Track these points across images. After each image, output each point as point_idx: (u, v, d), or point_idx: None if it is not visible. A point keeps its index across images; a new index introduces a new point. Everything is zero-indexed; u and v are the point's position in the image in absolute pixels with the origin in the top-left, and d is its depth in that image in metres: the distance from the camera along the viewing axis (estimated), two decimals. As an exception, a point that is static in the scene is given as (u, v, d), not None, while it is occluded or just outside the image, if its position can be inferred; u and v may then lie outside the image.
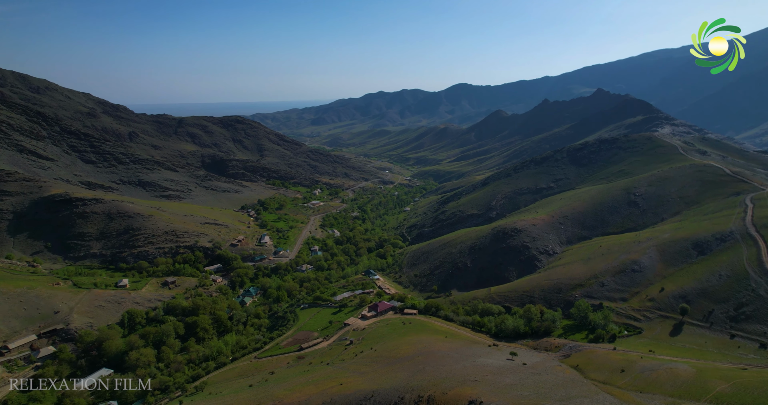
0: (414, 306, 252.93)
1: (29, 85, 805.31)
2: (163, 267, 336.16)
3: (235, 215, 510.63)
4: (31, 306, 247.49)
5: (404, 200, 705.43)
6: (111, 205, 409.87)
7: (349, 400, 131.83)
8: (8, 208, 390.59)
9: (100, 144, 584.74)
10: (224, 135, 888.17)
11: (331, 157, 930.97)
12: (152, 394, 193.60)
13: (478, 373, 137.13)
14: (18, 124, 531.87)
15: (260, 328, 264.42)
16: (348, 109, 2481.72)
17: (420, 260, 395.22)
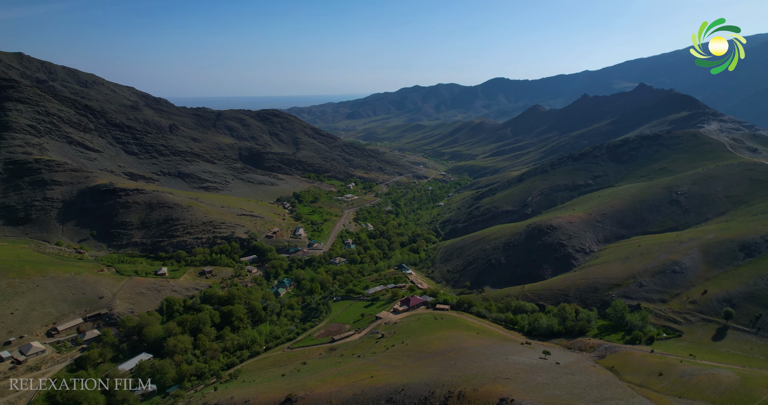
0: (446, 301, 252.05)
1: (78, 79, 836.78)
2: (200, 257, 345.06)
3: (271, 207, 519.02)
4: (77, 291, 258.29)
5: (438, 195, 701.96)
6: (152, 195, 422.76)
7: (379, 392, 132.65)
8: (58, 197, 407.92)
9: (143, 136, 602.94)
10: (261, 128, 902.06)
11: (366, 151, 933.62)
12: (188, 379, 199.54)
13: (509, 370, 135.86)
14: (68, 117, 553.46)
15: (293, 318, 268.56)
16: (383, 104, 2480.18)
17: (453, 256, 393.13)
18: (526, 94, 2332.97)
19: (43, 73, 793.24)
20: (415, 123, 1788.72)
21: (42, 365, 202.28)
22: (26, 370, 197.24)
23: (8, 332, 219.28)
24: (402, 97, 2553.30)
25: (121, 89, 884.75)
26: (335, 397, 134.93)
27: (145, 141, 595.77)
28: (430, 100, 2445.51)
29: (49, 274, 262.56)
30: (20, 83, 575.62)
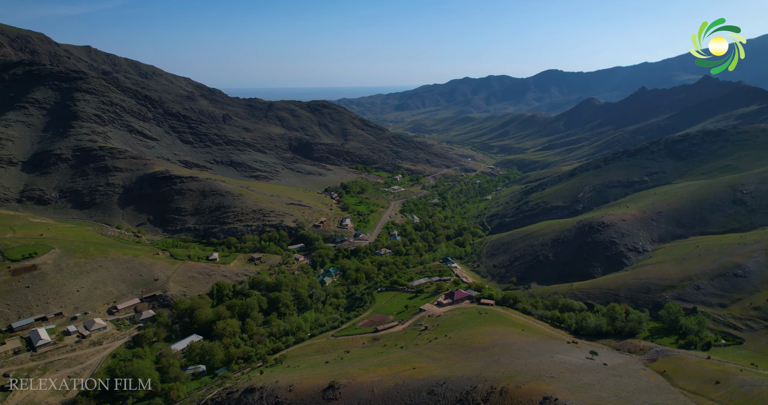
0: (491, 296, 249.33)
1: (139, 70, 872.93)
2: (250, 244, 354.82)
3: (319, 197, 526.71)
4: (135, 272, 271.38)
5: (486, 189, 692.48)
6: (205, 183, 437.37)
7: (420, 384, 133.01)
8: (119, 182, 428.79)
9: (197, 125, 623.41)
10: (311, 119, 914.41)
11: (414, 143, 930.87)
12: (236, 362, 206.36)
13: (554, 369, 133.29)
14: (129, 107, 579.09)
15: (338, 307, 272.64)
16: (432, 95, 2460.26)
17: (500, 250, 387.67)
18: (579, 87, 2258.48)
19: (108, 65, 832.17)
20: (464, 115, 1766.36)
21: (104, 340, 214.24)
22: (90, 344, 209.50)
23: (75, 308, 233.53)
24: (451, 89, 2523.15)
25: (178, 80, 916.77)
26: (377, 387, 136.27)
27: (200, 130, 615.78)
28: (480, 92, 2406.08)
29: (110, 256, 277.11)
30: (88, 75, 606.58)
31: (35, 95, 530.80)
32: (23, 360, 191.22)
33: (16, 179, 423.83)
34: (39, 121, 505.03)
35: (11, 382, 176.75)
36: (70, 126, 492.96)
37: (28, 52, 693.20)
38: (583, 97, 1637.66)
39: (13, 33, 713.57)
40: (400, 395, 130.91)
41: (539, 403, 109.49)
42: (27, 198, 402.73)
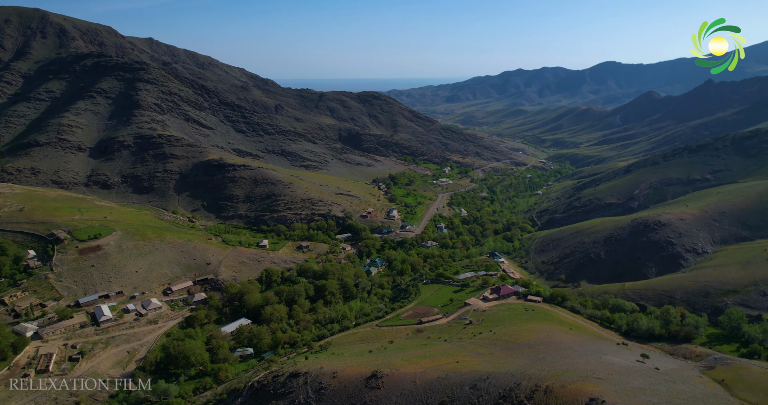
0: (538, 293, 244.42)
1: (196, 61, 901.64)
2: (298, 232, 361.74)
3: (367, 188, 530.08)
4: (189, 256, 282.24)
5: (536, 183, 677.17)
6: (257, 171, 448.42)
7: (463, 378, 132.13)
8: (175, 169, 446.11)
9: (251, 115, 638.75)
10: (361, 110, 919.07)
11: (463, 136, 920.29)
12: (282, 346, 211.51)
13: (602, 370, 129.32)
14: (186, 96, 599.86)
15: (383, 297, 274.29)
16: (484, 87, 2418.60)
17: (549, 247, 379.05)
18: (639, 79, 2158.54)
19: (168, 56, 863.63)
20: (515, 108, 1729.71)
21: (159, 320, 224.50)
22: (146, 323, 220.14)
23: (133, 288, 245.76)
24: (503, 80, 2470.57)
25: (233, 70, 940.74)
26: (419, 378, 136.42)
27: (253, 120, 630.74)
28: (533, 85, 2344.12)
29: (166, 239, 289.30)
30: (149, 66, 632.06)
31: (102, 85, 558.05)
32: (88, 334, 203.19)
33: (84, 164, 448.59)
34: (105, 110, 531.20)
35: (79, 353, 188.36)
36: (132, 114, 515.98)
37: (96, 44, 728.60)
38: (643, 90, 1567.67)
39: (84, 27, 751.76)
40: (442, 388, 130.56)
41: (585, 404, 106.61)
42: (93, 182, 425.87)
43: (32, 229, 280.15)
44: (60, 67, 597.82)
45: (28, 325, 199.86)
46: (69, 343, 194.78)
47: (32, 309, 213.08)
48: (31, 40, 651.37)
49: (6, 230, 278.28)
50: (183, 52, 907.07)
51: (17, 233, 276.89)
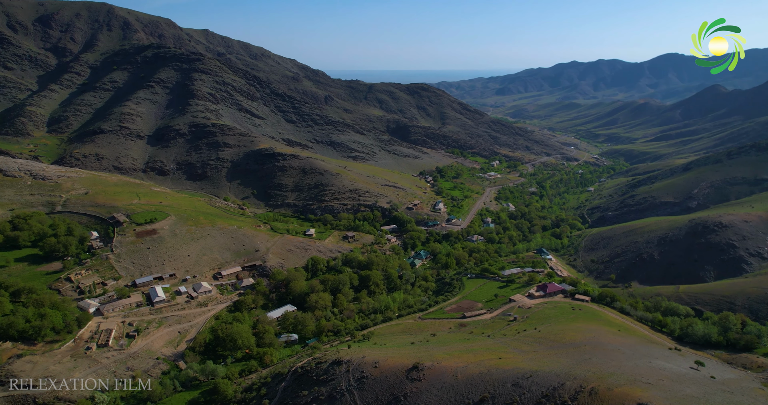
0: (586, 292, 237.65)
1: (250, 52, 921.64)
2: (344, 222, 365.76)
3: (413, 180, 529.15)
4: (238, 242, 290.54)
5: (588, 179, 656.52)
6: (305, 161, 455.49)
7: (506, 375, 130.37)
8: (227, 157, 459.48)
9: (301, 106, 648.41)
10: (409, 101, 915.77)
11: (513, 129, 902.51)
12: (326, 334, 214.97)
13: (652, 375, 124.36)
14: (239, 86, 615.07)
15: (427, 290, 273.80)
16: (536, 80, 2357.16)
17: (599, 245, 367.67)
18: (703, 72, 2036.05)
19: (223, 47, 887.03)
20: (568, 101, 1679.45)
21: (209, 303, 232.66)
22: (197, 305, 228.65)
23: (185, 271, 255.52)
24: (557, 73, 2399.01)
25: (285, 61, 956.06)
26: (461, 373, 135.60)
27: (303, 110, 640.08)
28: (588, 77, 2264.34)
29: (217, 225, 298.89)
30: (204, 56, 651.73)
31: (160, 75, 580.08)
32: (144, 313, 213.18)
33: (143, 151, 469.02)
34: (162, 99, 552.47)
35: (135, 330, 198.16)
36: (187, 104, 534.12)
37: (156, 36, 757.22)
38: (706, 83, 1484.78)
39: (146, 19, 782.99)
40: (483, 383, 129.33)
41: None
42: (150, 168, 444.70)
43: (95, 212, 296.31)
44: (123, 58, 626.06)
45: (91, 301, 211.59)
46: (126, 320, 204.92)
47: (94, 287, 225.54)
48: (98, 33, 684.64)
49: (73, 212, 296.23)
50: (237, 43, 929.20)
51: (82, 215, 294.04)
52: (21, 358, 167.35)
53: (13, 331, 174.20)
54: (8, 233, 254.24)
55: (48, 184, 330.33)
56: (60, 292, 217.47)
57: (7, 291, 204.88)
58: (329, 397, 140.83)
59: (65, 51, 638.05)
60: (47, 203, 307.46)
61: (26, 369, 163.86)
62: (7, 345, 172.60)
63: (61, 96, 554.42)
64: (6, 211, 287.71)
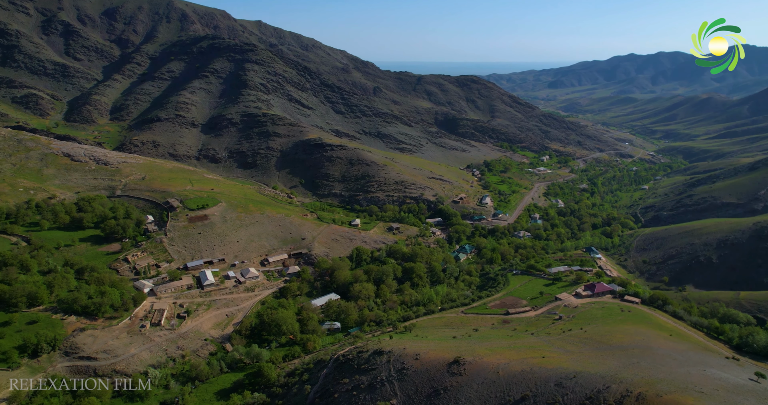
0: (637, 294, 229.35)
1: (301, 43, 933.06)
2: (390, 213, 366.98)
3: (460, 173, 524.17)
4: (285, 230, 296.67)
5: (643, 177, 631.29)
6: (353, 152, 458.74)
7: (548, 374, 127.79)
8: (277, 147, 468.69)
9: (350, 97, 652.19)
10: (458, 94, 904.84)
11: (565, 123, 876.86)
12: (368, 324, 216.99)
13: (706, 384, 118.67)
14: (290, 77, 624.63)
15: (470, 285, 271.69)
16: (590, 73, 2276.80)
17: (652, 246, 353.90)
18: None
19: (275, 38, 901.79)
20: (624, 95, 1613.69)
21: (255, 288, 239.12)
22: (244, 290, 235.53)
23: (234, 256, 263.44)
24: (613, 66, 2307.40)
25: (335, 52, 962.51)
26: (502, 369, 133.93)
27: (352, 101, 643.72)
28: (647, 71, 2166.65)
29: (266, 213, 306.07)
30: (257, 47, 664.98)
31: (215, 65, 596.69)
32: (194, 295, 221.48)
33: (196, 139, 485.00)
34: (216, 89, 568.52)
35: (185, 312, 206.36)
36: (240, 93, 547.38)
37: (212, 27, 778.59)
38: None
39: (202, 11, 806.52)
40: (525, 381, 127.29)
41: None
42: (203, 156, 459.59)
43: (151, 197, 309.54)
44: (180, 48, 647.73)
45: (146, 282, 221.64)
46: (177, 301, 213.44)
47: (149, 268, 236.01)
48: (158, 25, 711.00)
49: (131, 196, 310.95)
50: (288, 34, 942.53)
51: (139, 199, 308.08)
52: (83, 332, 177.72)
53: (77, 306, 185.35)
54: (74, 214, 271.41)
55: (109, 169, 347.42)
56: (118, 272, 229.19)
57: (72, 268, 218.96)
58: (369, 386, 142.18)
59: (128, 42, 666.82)
60: (108, 187, 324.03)
61: (88, 342, 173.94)
62: (71, 318, 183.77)
63: (123, 85, 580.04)
64: (73, 194, 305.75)
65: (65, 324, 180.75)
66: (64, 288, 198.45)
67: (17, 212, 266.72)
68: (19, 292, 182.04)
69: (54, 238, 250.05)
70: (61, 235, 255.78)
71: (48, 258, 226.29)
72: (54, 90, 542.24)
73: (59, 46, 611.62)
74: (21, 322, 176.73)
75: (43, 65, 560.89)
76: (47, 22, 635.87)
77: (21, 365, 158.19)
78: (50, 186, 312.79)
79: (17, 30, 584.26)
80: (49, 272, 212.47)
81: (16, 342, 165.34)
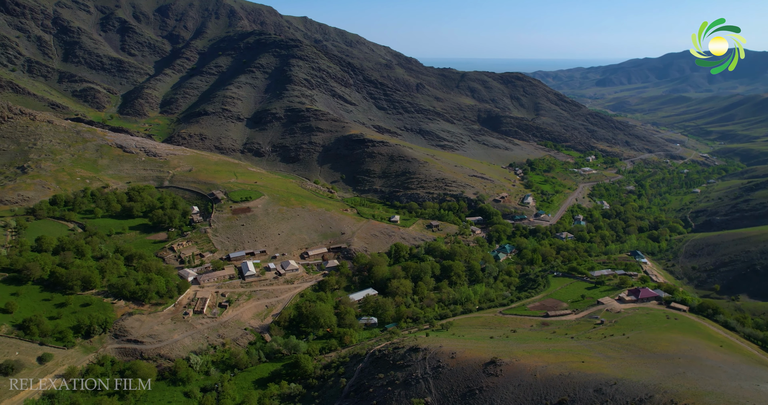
0: (684, 301, 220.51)
1: (345, 39, 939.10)
2: (429, 211, 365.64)
3: (502, 172, 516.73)
4: (325, 224, 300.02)
5: (695, 180, 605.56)
6: (394, 148, 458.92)
7: (588, 379, 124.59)
8: (319, 142, 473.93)
9: (392, 93, 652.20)
10: (502, 91, 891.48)
11: (612, 123, 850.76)
12: (405, 320, 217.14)
13: (759, 400, 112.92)
14: (334, 73, 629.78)
15: (509, 285, 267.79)
16: (641, 71, 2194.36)
17: (703, 252, 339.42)
18: None
19: (319, 34, 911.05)
20: (677, 94, 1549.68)
21: (295, 280, 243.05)
22: (284, 282, 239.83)
23: (275, 249, 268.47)
24: (665, 63, 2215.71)
25: (378, 48, 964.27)
26: (540, 372, 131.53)
27: (394, 98, 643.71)
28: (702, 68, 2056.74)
29: (306, 207, 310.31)
30: (302, 43, 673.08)
31: (261, 61, 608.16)
32: (235, 285, 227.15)
33: (242, 133, 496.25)
34: (261, 84, 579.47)
35: (227, 301, 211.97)
36: (284, 89, 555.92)
37: (258, 23, 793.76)
38: None
39: (250, 7, 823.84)
40: (563, 385, 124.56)
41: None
42: (248, 150, 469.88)
43: (197, 188, 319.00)
44: (228, 44, 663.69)
45: (190, 271, 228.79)
46: (219, 291, 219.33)
47: (193, 258, 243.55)
48: (207, 21, 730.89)
49: (178, 187, 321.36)
50: (333, 30, 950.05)
51: (186, 191, 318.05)
52: (131, 316, 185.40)
53: (126, 292, 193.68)
54: (125, 204, 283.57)
55: (158, 161, 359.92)
56: (164, 260, 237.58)
57: (123, 255, 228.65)
58: (404, 382, 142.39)
59: (178, 38, 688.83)
60: (157, 178, 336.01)
61: (135, 326, 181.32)
62: (120, 303, 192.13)
63: (173, 80, 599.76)
64: (124, 184, 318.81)
65: (115, 308, 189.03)
66: (115, 273, 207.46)
67: (74, 200, 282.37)
68: (75, 276, 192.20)
69: (106, 226, 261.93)
70: (113, 223, 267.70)
71: (101, 244, 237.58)
72: (110, 84, 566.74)
73: (115, 42, 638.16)
74: (76, 304, 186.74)
75: (100, 60, 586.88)
76: (105, 19, 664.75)
77: (75, 345, 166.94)
78: (104, 176, 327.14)
79: (79, 27, 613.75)
80: (102, 258, 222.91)
81: (71, 322, 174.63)
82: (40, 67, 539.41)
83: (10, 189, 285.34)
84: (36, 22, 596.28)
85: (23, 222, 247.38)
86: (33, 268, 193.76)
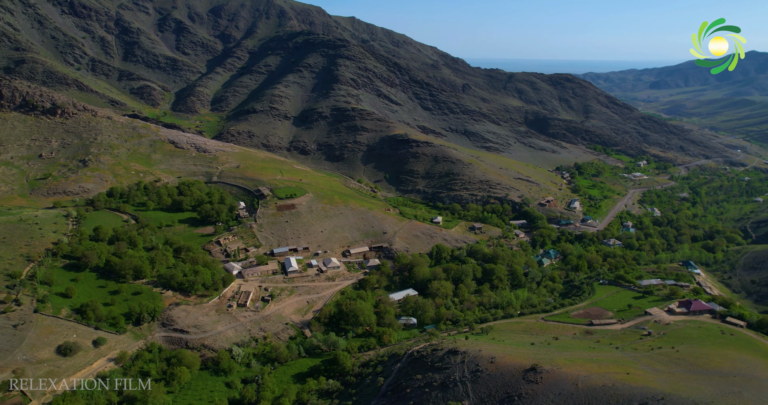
0: (742, 316, 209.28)
1: (392, 39, 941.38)
2: (472, 213, 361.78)
3: (548, 175, 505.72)
4: (368, 223, 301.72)
5: (757, 188, 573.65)
6: (438, 149, 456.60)
7: (633, 392, 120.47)
8: (364, 141, 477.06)
9: (438, 93, 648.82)
10: (551, 93, 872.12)
11: (666, 127, 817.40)
12: (444, 322, 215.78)
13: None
14: (380, 73, 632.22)
15: (553, 291, 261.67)
16: (699, 72, 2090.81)
17: (764, 264, 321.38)
18: None
19: (367, 34, 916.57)
20: (740, 98, 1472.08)
21: (336, 278, 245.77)
22: (325, 279, 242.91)
23: (318, 246, 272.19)
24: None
25: (425, 49, 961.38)
26: (582, 382, 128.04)
27: (440, 98, 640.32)
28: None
29: (350, 205, 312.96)
30: (349, 43, 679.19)
31: (308, 60, 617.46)
32: (278, 280, 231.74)
33: (288, 131, 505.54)
34: (308, 83, 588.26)
35: (269, 295, 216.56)
36: (331, 88, 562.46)
37: (307, 23, 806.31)
38: None
39: (299, 7, 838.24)
40: (606, 397, 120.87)
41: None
42: (294, 147, 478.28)
43: (244, 184, 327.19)
44: (277, 44, 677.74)
45: (235, 264, 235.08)
46: (263, 285, 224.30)
47: (238, 252, 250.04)
48: (258, 21, 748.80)
49: (225, 183, 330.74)
50: (380, 30, 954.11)
51: (233, 186, 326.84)
52: (178, 306, 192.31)
53: (173, 282, 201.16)
54: (175, 197, 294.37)
55: (208, 157, 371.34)
56: (210, 253, 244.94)
57: (171, 247, 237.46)
58: (442, 384, 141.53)
59: (229, 37, 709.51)
60: (206, 173, 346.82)
61: (182, 316, 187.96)
62: (168, 293, 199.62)
63: (224, 78, 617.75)
64: (175, 178, 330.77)
65: (163, 298, 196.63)
66: (164, 264, 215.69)
67: (129, 193, 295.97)
68: (128, 265, 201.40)
69: (157, 218, 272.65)
70: (163, 216, 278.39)
71: (151, 236, 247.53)
72: (164, 82, 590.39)
73: (171, 42, 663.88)
74: (128, 292, 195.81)
75: (156, 59, 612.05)
76: (162, 20, 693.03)
77: (126, 331, 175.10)
78: (156, 170, 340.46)
79: (138, 28, 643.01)
80: (152, 249, 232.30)
81: (123, 309, 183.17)
82: (102, 66, 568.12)
83: (72, 181, 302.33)
84: (100, 23, 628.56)
85: (83, 212, 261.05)
86: (90, 256, 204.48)
